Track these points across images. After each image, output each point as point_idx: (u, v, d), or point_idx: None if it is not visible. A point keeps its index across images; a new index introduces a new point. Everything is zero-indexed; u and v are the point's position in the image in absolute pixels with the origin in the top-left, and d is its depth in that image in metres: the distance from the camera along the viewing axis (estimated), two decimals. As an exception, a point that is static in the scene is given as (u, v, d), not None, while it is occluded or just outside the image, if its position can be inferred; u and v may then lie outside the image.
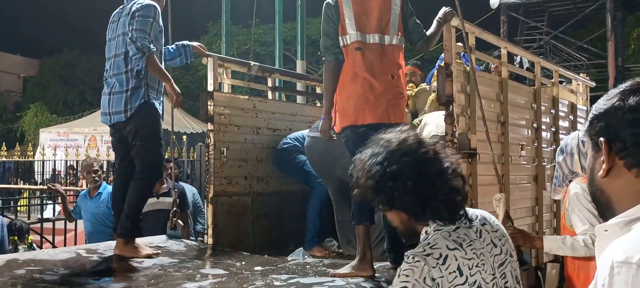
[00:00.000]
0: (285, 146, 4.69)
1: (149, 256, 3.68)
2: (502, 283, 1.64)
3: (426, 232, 1.65)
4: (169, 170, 5.29)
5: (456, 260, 1.54)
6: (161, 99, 3.86)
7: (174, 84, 3.76)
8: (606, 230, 1.03)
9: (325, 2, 3.41)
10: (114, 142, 3.92)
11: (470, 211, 1.70)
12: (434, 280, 1.51)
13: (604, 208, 1.07)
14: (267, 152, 4.75)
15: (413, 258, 1.54)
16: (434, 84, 4.50)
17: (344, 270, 3.29)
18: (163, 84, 3.90)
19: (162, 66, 3.86)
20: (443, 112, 4.13)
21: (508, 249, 1.70)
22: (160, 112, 3.82)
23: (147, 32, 3.64)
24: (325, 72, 3.44)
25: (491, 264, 1.62)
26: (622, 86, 1.05)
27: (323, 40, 3.42)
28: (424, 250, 1.55)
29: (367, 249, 3.27)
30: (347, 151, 3.37)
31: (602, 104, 1.06)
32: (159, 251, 3.80)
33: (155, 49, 3.68)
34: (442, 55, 4.70)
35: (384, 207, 1.69)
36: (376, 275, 3.25)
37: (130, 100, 3.67)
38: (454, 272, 1.53)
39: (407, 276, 1.52)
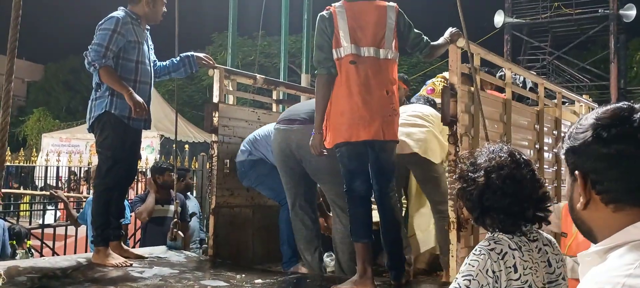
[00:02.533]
0: (250, 157, 4.21)
1: (118, 266, 3.68)
2: None
3: (492, 232, 1.85)
4: (164, 179, 5.31)
5: (514, 258, 1.74)
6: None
7: (133, 94, 3.69)
8: (588, 258, 1.03)
9: (319, 15, 3.35)
10: None
11: (543, 234, 1.90)
12: (494, 272, 1.70)
13: (587, 236, 1.07)
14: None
15: (479, 251, 1.75)
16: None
17: (345, 285, 3.28)
18: (150, 93, 3.97)
19: (144, 75, 3.89)
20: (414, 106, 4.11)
21: (562, 273, 1.87)
22: (135, 122, 3.82)
23: (103, 45, 3.69)
24: (317, 85, 3.36)
25: (543, 276, 1.80)
26: (593, 116, 1.02)
27: (316, 54, 3.35)
28: (489, 244, 1.76)
29: (367, 265, 3.24)
30: (342, 167, 3.33)
31: (575, 135, 1.03)
32: (131, 262, 3.77)
33: (104, 62, 3.68)
34: (429, 80, 4.72)
35: (471, 213, 1.89)
36: None
37: (92, 110, 3.82)
38: (511, 268, 1.72)
39: (472, 266, 1.71)
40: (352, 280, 3.29)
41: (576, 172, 1.02)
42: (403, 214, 4.08)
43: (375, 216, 3.79)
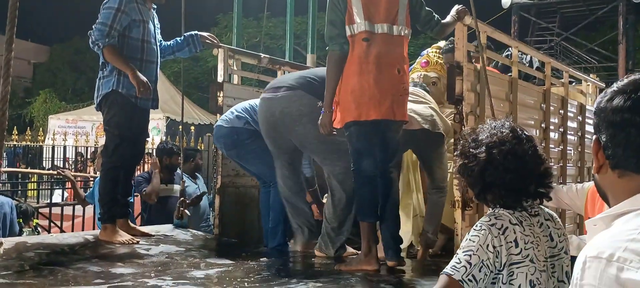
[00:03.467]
0: (247, 127, 3.91)
1: (125, 243, 3.71)
2: (551, 271, 1.81)
3: (493, 208, 1.85)
4: (170, 161, 5.33)
5: (515, 233, 1.75)
6: (153, 86, 3.89)
7: (137, 73, 3.69)
8: (595, 225, 1.05)
9: None
10: None
11: (545, 210, 1.91)
12: (495, 247, 1.72)
13: (604, 200, 1.09)
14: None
15: (480, 226, 1.77)
16: (412, 75, 4.43)
17: (349, 264, 3.30)
18: (157, 73, 3.99)
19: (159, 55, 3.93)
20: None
21: (564, 248, 1.88)
22: (142, 102, 3.83)
23: (107, 24, 3.69)
24: (328, 62, 3.26)
25: (544, 250, 1.80)
26: (618, 83, 1.04)
27: (328, 29, 3.24)
28: (490, 220, 1.78)
29: (372, 244, 3.24)
30: (350, 146, 3.28)
31: (599, 98, 1.06)
32: (137, 240, 3.80)
33: (108, 41, 3.69)
34: (424, 51, 4.66)
35: (472, 189, 1.89)
36: (381, 270, 3.23)
37: (100, 88, 3.83)
38: (511, 242, 1.74)
39: (472, 241, 1.73)
40: (357, 259, 3.30)
41: (594, 136, 1.05)
42: None
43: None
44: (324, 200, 4.15)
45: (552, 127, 4.41)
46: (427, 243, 3.74)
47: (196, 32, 4.27)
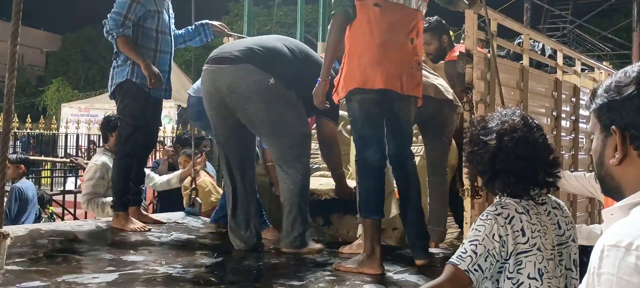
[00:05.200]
0: None
1: (137, 230, 3.75)
2: (558, 259, 1.81)
3: (500, 197, 1.86)
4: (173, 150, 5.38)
5: (521, 222, 1.76)
6: (166, 77, 3.94)
7: (149, 64, 3.73)
8: (612, 214, 1.03)
9: None
10: None
11: (552, 198, 1.91)
12: (501, 237, 1.73)
13: (613, 193, 1.06)
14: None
15: (486, 216, 1.77)
16: None
17: (349, 264, 2.97)
18: (170, 63, 4.02)
19: (160, 45, 3.91)
20: None
21: (572, 235, 1.89)
22: (155, 91, 3.86)
23: (122, 14, 3.72)
24: (331, 27, 2.97)
25: (552, 238, 1.81)
26: (636, 69, 1.01)
27: None
28: (496, 209, 1.78)
29: (376, 244, 2.88)
30: (353, 130, 3.01)
31: (614, 89, 1.02)
32: (149, 227, 3.84)
33: (122, 31, 3.72)
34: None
35: (481, 176, 1.89)
36: (387, 274, 2.90)
37: (114, 77, 3.87)
38: (518, 231, 1.74)
39: (479, 231, 1.74)
40: (358, 260, 2.95)
41: (613, 127, 1.01)
42: None
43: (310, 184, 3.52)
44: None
45: (563, 115, 4.38)
46: (440, 238, 3.67)
47: (207, 21, 4.29)
